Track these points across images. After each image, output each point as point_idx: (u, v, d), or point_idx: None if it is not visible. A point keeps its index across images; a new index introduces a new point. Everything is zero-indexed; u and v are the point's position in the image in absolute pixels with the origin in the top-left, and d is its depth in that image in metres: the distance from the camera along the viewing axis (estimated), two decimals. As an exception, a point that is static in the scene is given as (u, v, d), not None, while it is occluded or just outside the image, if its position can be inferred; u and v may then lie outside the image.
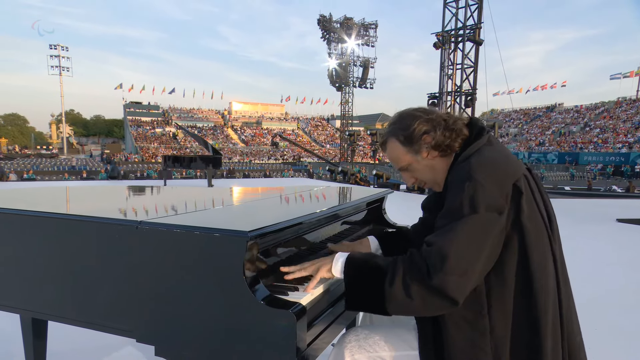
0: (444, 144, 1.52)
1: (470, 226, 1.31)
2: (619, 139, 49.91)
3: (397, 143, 1.59)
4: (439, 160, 1.57)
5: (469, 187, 1.33)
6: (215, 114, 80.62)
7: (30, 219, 1.93)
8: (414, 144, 1.55)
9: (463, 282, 1.30)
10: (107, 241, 1.67)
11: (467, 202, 1.33)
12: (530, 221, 1.37)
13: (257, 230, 1.41)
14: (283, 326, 1.29)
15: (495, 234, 1.32)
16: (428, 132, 1.52)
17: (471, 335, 1.38)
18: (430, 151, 1.54)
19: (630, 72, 64.03)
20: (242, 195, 2.98)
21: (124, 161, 50.51)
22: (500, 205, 1.32)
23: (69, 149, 73.12)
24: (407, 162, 1.60)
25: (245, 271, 1.36)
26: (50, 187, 3.42)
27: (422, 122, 1.53)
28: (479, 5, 20.30)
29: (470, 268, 1.30)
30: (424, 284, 1.31)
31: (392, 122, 1.64)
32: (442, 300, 1.31)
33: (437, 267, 1.30)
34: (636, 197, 18.24)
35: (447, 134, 1.51)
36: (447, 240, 1.32)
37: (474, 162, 1.39)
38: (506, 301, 1.37)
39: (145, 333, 1.57)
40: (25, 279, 1.95)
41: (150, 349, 1.56)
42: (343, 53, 35.86)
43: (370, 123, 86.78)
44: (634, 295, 4.62)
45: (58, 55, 71.79)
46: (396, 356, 1.59)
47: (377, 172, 24.22)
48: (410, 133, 1.54)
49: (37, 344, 2.40)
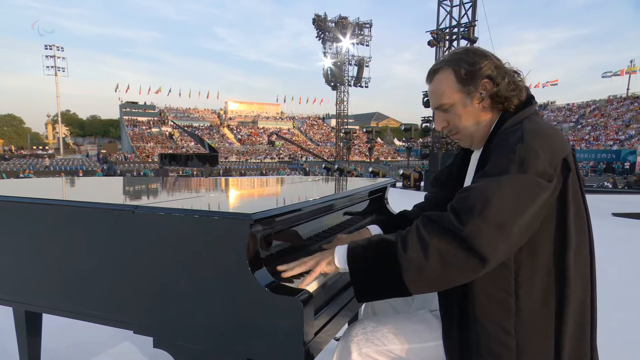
0: (504, 97, 1.37)
1: (519, 183, 1.19)
2: (610, 137, 50.67)
3: (452, 75, 1.41)
4: (486, 114, 1.43)
5: (521, 149, 1.22)
6: (212, 113, 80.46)
7: (21, 205, 1.86)
8: (472, 84, 1.39)
9: (499, 238, 1.17)
10: (102, 228, 1.60)
11: (516, 163, 1.21)
12: (575, 201, 1.29)
13: (261, 213, 1.33)
14: (289, 314, 1.22)
15: (540, 201, 1.21)
16: (493, 78, 1.37)
17: (497, 315, 1.30)
18: (484, 99, 1.40)
19: (621, 71, 64.95)
20: (243, 184, 2.93)
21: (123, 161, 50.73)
22: (549, 173, 1.21)
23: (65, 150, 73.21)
24: (452, 102, 1.43)
25: (248, 256, 1.29)
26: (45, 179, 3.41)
27: (491, 65, 1.38)
28: (473, 4, 20.66)
29: (510, 224, 1.17)
30: (450, 235, 1.19)
31: (456, 52, 1.46)
32: (469, 257, 1.17)
33: (475, 210, 1.18)
34: (628, 193, 18.72)
35: (512, 86, 1.38)
36: (492, 187, 1.20)
37: (527, 127, 1.28)
38: (536, 282, 1.28)
39: (142, 324, 1.51)
40: (17, 269, 1.88)
41: (147, 344, 1.51)
42: (338, 52, 36.23)
43: (365, 122, 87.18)
44: (633, 288, 4.66)
45: (54, 56, 71.39)
46: (406, 349, 1.49)
47: (373, 170, 24.53)
48: (475, 71, 1.38)
49: (31, 339, 2.32)
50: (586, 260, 1.33)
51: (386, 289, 1.31)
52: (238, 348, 1.33)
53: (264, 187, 2.54)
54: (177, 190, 2.44)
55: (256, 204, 1.88)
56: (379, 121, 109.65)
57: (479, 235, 1.16)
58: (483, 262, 1.17)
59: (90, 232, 1.65)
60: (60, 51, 72.43)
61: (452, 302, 1.40)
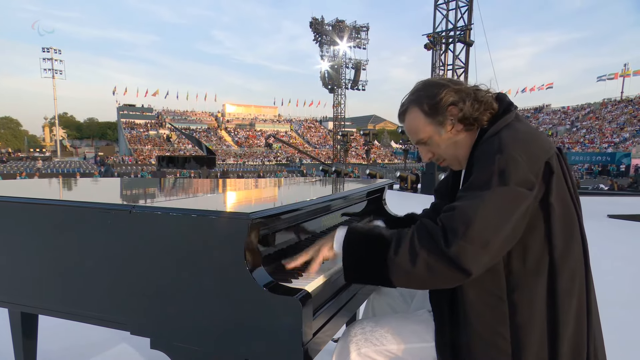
0: (472, 117, 1.40)
1: (499, 197, 1.22)
2: (605, 139, 51.08)
3: (419, 113, 1.46)
4: (463, 135, 1.45)
5: (500, 160, 1.24)
6: (209, 116, 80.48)
7: (17, 205, 1.85)
8: (439, 115, 1.43)
9: (482, 254, 1.21)
10: (99, 228, 1.58)
11: (496, 175, 1.23)
12: (559, 203, 1.29)
13: (260, 213, 1.32)
14: (287, 314, 1.22)
15: (521, 211, 1.23)
16: (456, 104, 1.40)
17: (490, 321, 1.31)
18: (455, 124, 1.43)
19: (615, 74, 65.39)
20: (241, 184, 2.92)
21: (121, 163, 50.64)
22: (531, 182, 1.24)
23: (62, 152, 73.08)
24: (427, 135, 1.48)
25: (246, 256, 1.28)
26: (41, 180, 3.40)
27: (450, 92, 1.41)
28: (469, 7, 20.86)
29: (493, 241, 1.21)
30: (437, 252, 1.22)
31: (415, 89, 1.50)
32: (454, 272, 1.22)
33: (459, 232, 1.21)
34: (623, 195, 18.92)
35: (477, 106, 1.40)
36: (473, 206, 1.23)
37: (505, 136, 1.30)
38: (528, 287, 1.30)
39: (139, 325, 1.50)
40: (12, 270, 1.86)
41: (144, 345, 1.55)
42: (335, 55, 36.38)
43: (362, 124, 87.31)
44: (630, 289, 4.68)
45: (51, 58, 71.31)
46: (405, 349, 1.50)
47: (370, 172, 24.60)
48: (436, 103, 1.41)
49: (27, 341, 2.30)
50: (578, 262, 1.33)
51: (372, 279, 1.37)
52: (236, 348, 1.32)
53: (262, 188, 2.53)
54: (174, 190, 2.43)
55: (255, 203, 1.87)
56: (376, 124, 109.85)
57: (464, 255, 1.20)
58: (467, 275, 1.22)
59: (87, 232, 1.64)
60: (58, 54, 72.41)
61: (443, 304, 1.42)
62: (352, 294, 1.62)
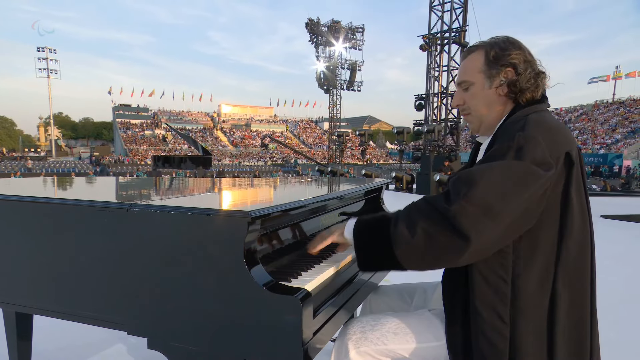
0: (520, 87, 1.41)
1: (510, 168, 1.22)
2: (597, 141, 51.64)
3: (482, 56, 1.46)
4: (501, 101, 1.46)
5: (520, 137, 1.25)
6: (205, 116, 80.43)
7: (10, 203, 1.82)
8: (496, 68, 1.43)
9: (483, 220, 1.19)
10: (95, 226, 1.56)
11: (513, 150, 1.24)
12: (578, 196, 1.30)
13: (259, 211, 1.31)
14: (287, 314, 1.20)
15: (535, 191, 1.21)
16: (516, 66, 1.41)
17: (492, 301, 1.31)
18: (502, 86, 1.43)
19: (607, 76, 66.08)
20: (239, 183, 2.91)
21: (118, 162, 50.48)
22: (548, 163, 1.23)
23: (57, 152, 72.78)
24: (473, 80, 1.48)
25: (245, 255, 1.27)
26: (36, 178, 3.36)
27: (520, 55, 1.42)
28: (464, 9, 20.97)
29: (496, 209, 1.19)
30: (435, 215, 1.24)
31: (496, 37, 1.50)
32: (452, 236, 1.21)
33: (461, 191, 1.22)
34: (615, 195, 19.08)
35: (532, 81, 1.41)
36: (480, 171, 1.24)
37: (531, 119, 1.32)
38: (534, 273, 1.29)
39: (136, 325, 1.48)
40: (6, 269, 1.83)
41: (141, 346, 1.52)
42: (331, 56, 36.38)
43: (357, 125, 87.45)
44: (623, 288, 4.70)
45: (46, 58, 71.02)
46: (407, 348, 1.49)
47: (365, 172, 24.57)
48: (503, 55, 1.42)
49: (21, 342, 2.27)
50: (587, 256, 1.33)
51: (382, 261, 1.38)
52: (235, 349, 1.31)
53: (260, 187, 2.52)
54: (172, 189, 2.42)
55: (253, 201, 1.86)
56: (372, 124, 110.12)
57: (463, 216, 1.19)
58: (466, 241, 1.20)
59: (83, 231, 1.61)
60: (53, 53, 72.04)
61: (456, 301, 1.41)
62: (352, 292, 1.61)
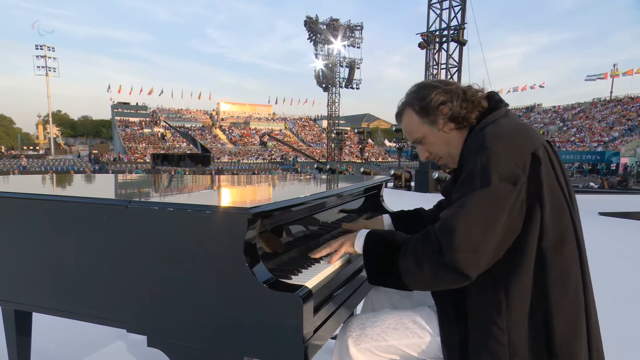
0: (461, 116, 1.47)
1: (481, 200, 1.26)
2: (595, 138, 51.79)
3: (412, 113, 1.54)
4: (455, 134, 1.51)
5: (482, 156, 1.28)
6: (204, 114, 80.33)
7: (8, 200, 1.80)
8: (430, 115, 1.50)
9: (475, 257, 1.25)
10: (94, 223, 1.56)
11: (478, 174, 1.28)
12: (549, 194, 1.31)
13: (259, 208, 1.31)
14: (288, 311, 1.20)
15: (510, 206, 1.26)
16: (445, 103, 1.47)
17: (488, 311, 1.33)
18: (446, 123, 1.49)
19: (604, 74, 66.25)
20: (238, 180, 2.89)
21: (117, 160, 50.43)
22: (515, 174, 1.27)
23: (56, 150, 72.65)
24: (422, 134, 1.55)
25: (245, 252, 1.27)
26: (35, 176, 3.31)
27: (439, 93, 1.48)
28: (462, 7, 20.98)
29: (483, 243, 1.25)
30: (436, 259, 1.28)
31: (409, 92, 1.58)
32: (454, 276, 1.27)
33: (447, 242, 1.26)
34: (612, 193, 19.11)
35: (465, 105, 1.47)
36: (455, 216, 1.28)
37: (488, 132, 1.35)
38: (523, 279, 1.31)
39: (136, 323, 1.47)
40: (5, 266, 1.82)
41: (140, 343, 1.54)
42: (329, 54, 36.38)
43: (356, 123, 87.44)
44: (621, 285, 4.70)
45: (44, 56, 70.79)
46: (407, 344, 1.51)
47: (364, 170, 24.61)
48: (427, 103, 1.49)
49: (20, 339, 2.27)
50: (570, 254, 1.34)
51: (390, 282, 1.44)
52: (235, 346, 1.30)
53: (260, 184, 2.51)
54: (171, 186, 2.41)
55: (253, 198, 1.86)
56: (370, 122, 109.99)
57: (456, 263, 1.25)
58: (466, 278, 1.27)
59: (82, 228, 1.61)
60: (51, 51, 71.81)
61: (446, 299, 1.46)
62: (353, 289, 1.61)
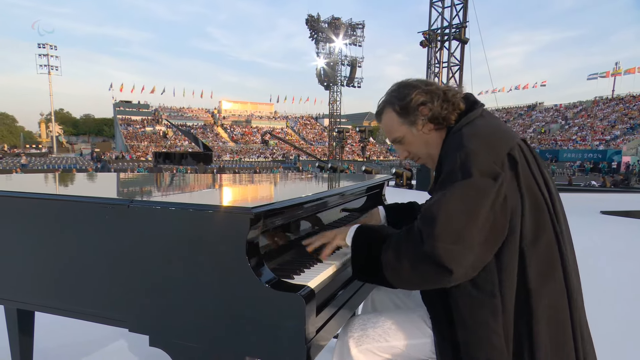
0: (441, 117, 1.46)
1: (462, 190, 1.25)
2: (597, 137, 51.86)
3: (392, 113, 1.53)
4: (434, 134, 1.51)
5: (461, 154, 1.28)
6: (205, 112, 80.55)
7: (11, 200, 1.80)
8: (410, 115, 1.49)
9: (457, 249, 1.21)
10: (96, 223, 1.56)
11: (459, 169, 1.27)
12: (527, 192, 1.31)
13: (261, 207, 1.30)
14: (290, 311, 1.20)
15: (492, 200, 1.23)
16: (425, 104, 1.46)
17: (483, 316, 1.31)
18: (426, 124, 1.49)
19: (606, 73, 66.37)
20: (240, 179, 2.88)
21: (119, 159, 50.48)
22: (494, 171, 1.26)
23: (58, 148, 72.74)
24: (401, 134, 1.54)
25: (248, 252, 1.26)
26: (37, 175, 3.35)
27: (420, 93, 1.47)
28: (464, 5, 20.92)
29: (465, 234, 1.21)
30: (417, 252, 1.26)
31: (389, 91, 1.56)
32: (435, 268, 1.23)
33: (427, 231, 1.24)
34: (614, 192, 19.07)
35: (445, 105, 1.46)
36: (436, 204, 1.27)
37: (465, 132, 1.36)
38: (512, 281, 1.30)
39: (138, 322, 1.47)
40: (8, 266, 1.82)
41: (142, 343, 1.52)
42: (331, 52, 36.35)
43: (357, 121, 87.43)
44: (623, 283, 4.69)
45: (47, 54, 70.84)
46: (409, 345, 1.50)
47: (366, 168, 24.52)
48: (407, 103, 1.48)
49: (23, 339, 2.28)
50: (549, 252, 1.32)
51: (373, 277, 1.41)
52: (237, 346, 1.30)
53: (262, 183, 2.50)
54: (173, 185, 2.41)
55: (256, 198, 1.85)
56: (371, 121, 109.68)
57: (436, 252, 1.21)
58: (449, 272, 1.22)
59: (84, 228, 1.61)
60: (54, 50, 71.87)
61: (436, 303, 1.43)
62: (355, 289, 1.61)
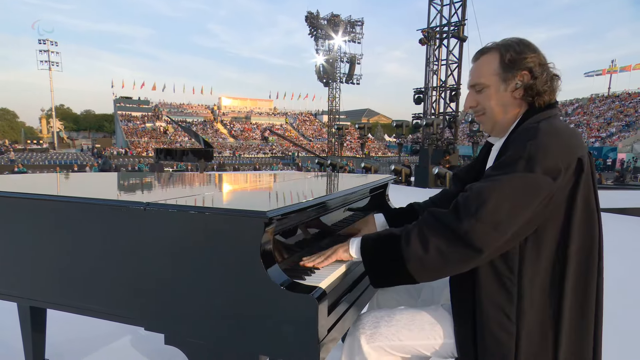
0: (536, 92, 1.40)
1: (520, 182, 1.24)
2: (593, 134, 51.86)
3: (497, 59, 1.44)
4: (516, 103, 1.45)
5: (532, 146, 1.26)
6: (205, 109, 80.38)
7: (28, 201, 1.84)
8: (511, 72, 1.42)
9: (494, 234, 1.24)
10: (112, 224, 1.58)
11: (524, 160, 1.25)
12: (582, 201, 1.31)
13: (276, 211, 1.32)
14: (304, 312, 1.22)
15: (542, 199, 1.24)
16: (532, 70, 1.40)
17: (498, 300, 1.34)
18: (518, 89, 1.42)
19: (603, 70, 66.14)
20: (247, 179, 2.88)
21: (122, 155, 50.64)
22: (558, 170, 1.25)
23: (59, 144, 72.83)
24: (488, 83, 1.46)
25: (262, 254, 1.28)
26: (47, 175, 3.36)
27: (534, 58, 1.41)
28: (463, 3, 20.91)
29: (506, 223, 1.23)
30: (447, 232, 1.27)
31: (508, 39, 1.47)
32: (465, 248, 1.25)
33: (471, 210, 1.24)
34: (609, 189, 19.17)
35: (548, 84, 1.41)
36: (490, 188, 1.26)
37: (543, 126, 1.32)
38: (539, 273, 1.32)
39: (153, 322, 1.50)
40: (24, 265, 1.85)
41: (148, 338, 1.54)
42: (330, 49, 36.30)
43: (356, 118, 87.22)
44: (621, 281, 4.69)
45: (47, 50, 70.65)
46: (422, 344, 1.50)
47: (365, 165, 24.49)
48: (519, 60, 1.41)
49: (35, 335, 2.30)
50: (593, 259, 1.35)
51: (395, 277, 1.39)
52: (251, 346, 1.33)
53: (270, 183, 2.50)
54: (184, 186, 2.41)
55: (268, 200, 1.85)
56: (370, 117, 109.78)
57: (474, 232, 1.24)
58: (479, 252, 1.26)
59: (100, 229, 1.63)
60: (54, 46, 71.73)
61: (465, 291, 1.43)
62: (362, 289, 1.63)
